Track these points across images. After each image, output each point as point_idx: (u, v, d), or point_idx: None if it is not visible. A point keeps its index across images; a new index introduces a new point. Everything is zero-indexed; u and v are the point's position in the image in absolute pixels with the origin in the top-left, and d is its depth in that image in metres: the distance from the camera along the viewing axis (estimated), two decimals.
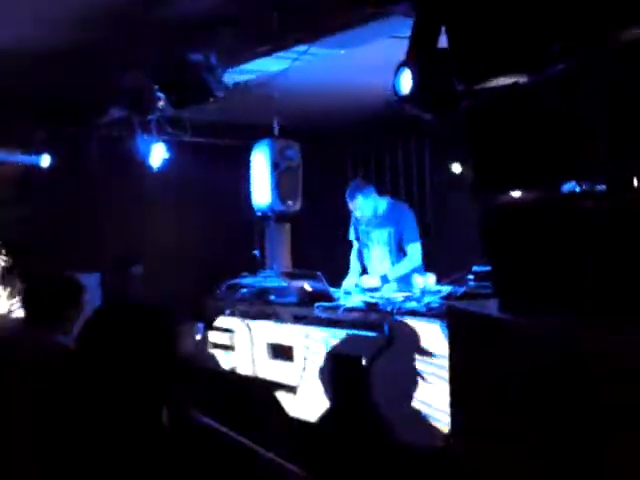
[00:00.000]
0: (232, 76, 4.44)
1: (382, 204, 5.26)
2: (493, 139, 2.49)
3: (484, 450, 2.48)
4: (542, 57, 2.26)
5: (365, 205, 5.15)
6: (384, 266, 5.22)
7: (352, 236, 5.52)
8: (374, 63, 4.64)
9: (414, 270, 4.98)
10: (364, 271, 5.45)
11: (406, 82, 3.13)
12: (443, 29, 2.92)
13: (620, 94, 1.99)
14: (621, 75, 2.01)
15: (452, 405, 2.74)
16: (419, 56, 3.15)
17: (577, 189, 2.33)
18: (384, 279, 5.01)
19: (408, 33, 3.39)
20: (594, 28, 2.08)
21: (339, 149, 7.74)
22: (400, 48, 3.50)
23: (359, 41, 4.01)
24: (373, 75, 5.08)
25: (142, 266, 5.57)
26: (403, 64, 3.19)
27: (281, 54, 4.16)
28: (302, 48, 4.04)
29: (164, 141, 5.52)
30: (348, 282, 5.26)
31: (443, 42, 2.94)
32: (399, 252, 5.20)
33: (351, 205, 5.21)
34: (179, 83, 4.21)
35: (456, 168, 6.86)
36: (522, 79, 2.38)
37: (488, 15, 2.52)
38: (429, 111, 3.13)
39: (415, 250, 5.16)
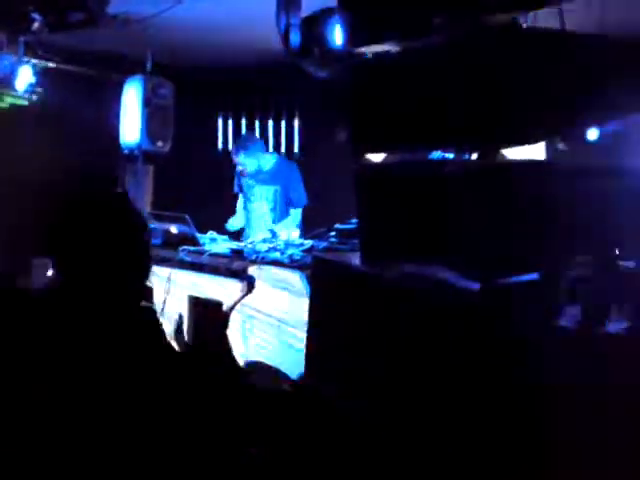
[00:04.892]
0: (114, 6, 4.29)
1: (269, 160, 5.32)
2: (371, 102, 2.65)
3: (338, 390, 2.69)
4: (422, 28, 2.42)
5: (247, 162, 5.19)
6: (265, 221, 5.29)
7: (236, 188, 5.54)
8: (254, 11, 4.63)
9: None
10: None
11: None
12: None
13: (487, 70, 2.21)
14: (490, 54, 2.23)
15: (308, 347, 2.93)
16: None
17: (441, 156, 2.55)
18: (273, 234, 5.06)
19: None
20: (471, 8, 2.27)
21: (210, 93, 7.63)
22: None
23: None
24: (254, 21, 5.05)
25: None
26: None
27: None
28: None
29: (31, 65, 5.24)
30: (233, 222, 5.35)
31: None
32: (284, 208, 5.29)
33: (235, 159, 5.24)
34: (61, 6, 4.02)
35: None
36: (403, 46, 2.54)
37: None
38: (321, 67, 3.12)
39: (297, 214, 5.30)
